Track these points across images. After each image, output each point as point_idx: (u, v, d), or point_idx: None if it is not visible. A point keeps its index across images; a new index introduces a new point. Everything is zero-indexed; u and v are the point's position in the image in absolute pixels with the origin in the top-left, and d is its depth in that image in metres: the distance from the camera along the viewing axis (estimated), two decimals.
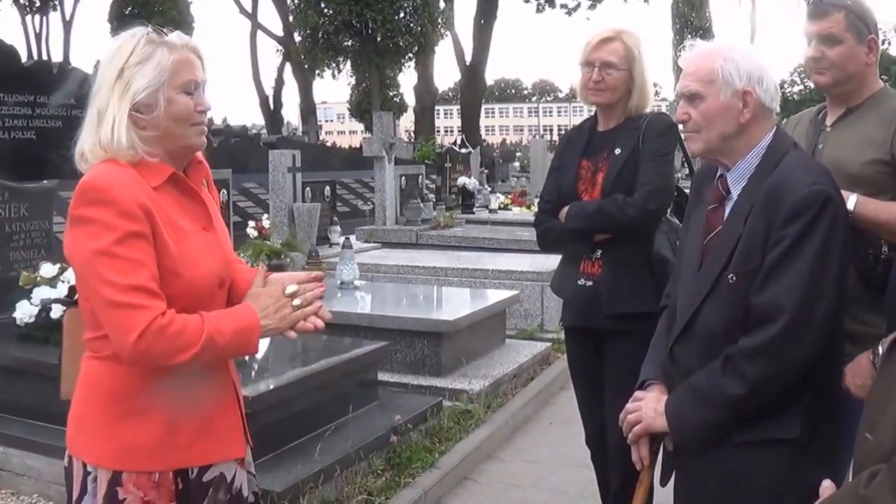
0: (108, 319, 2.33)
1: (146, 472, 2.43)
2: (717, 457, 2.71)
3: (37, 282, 5.69)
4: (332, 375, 5.58)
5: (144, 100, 2.40)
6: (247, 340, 2.44)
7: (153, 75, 2.40)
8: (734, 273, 2.65)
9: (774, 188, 2.63)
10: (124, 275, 2.27)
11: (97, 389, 2.47)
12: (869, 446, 1.86)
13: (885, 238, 3.18)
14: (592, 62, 4.09)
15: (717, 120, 2.72)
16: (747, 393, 2.59)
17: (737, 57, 2.70)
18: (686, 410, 2.73)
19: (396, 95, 55.06)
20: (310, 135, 41.90)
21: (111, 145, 2.39)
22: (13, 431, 5.32)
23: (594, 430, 4.36)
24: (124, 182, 2.34)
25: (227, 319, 2.41)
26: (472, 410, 6.55)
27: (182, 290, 2.40)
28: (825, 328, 2.59)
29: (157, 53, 2.42)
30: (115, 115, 2.40)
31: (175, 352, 2.31)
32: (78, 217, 2.34)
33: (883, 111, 3.34)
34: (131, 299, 2.26)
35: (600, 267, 4.11)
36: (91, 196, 2.32)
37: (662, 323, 3.07)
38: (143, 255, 2.31)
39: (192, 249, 2.46)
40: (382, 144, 14.21)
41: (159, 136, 2.44)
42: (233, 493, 2.60)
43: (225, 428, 2.58)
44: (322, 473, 4.87)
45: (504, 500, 5.54)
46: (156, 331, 2.27)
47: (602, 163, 4.15)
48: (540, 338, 8.99)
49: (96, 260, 2.28)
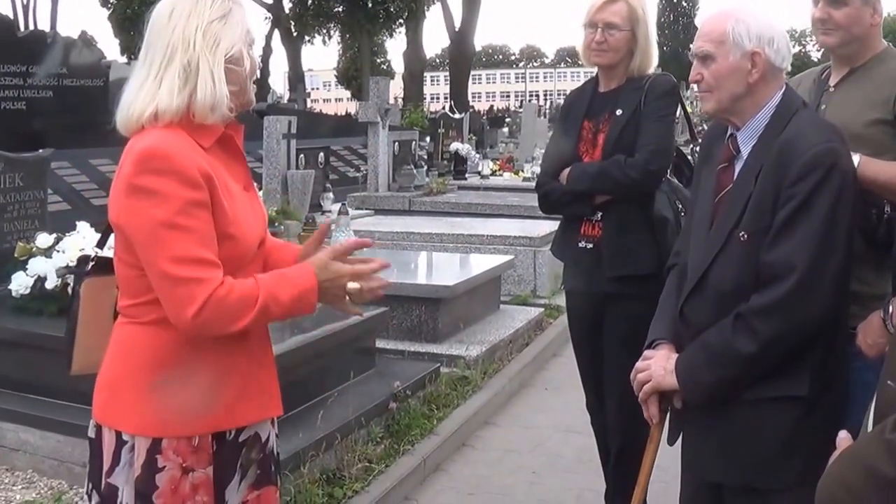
0: (166, 293, 2.29)
1: (186, 438, 2.40)
2: (725, 414, 2.74)
3: (32, 253, 5.65)
4: (330, 343, 5.55)
5: (236, 54, 2.40)
6: (306, 302, 2.41)
7: (239, 32, 2.41)
8: (745, 231, 2.67)
9: (785, 147, 2.65)
10: (186, 247, 2.24)
11: (137, 356, 2.42)
12: (892, 393, 1.87)
13: (887, 198, 3.18)
14: (596, 23, 4.05)
15: (727, 80, 2.74)
16: (759, 351, 2.61)
17: (748, 19, 2.72)
18: (697, 368, 2.75)
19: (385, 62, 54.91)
20: (298, 102, 41.71)
21: (211, 99, 2.34)
22: (7, 405, 5.24)
23: (595, 395, 4.36)
24: (184, 147, 2.31)
25: (284, 282, 2.38)
26: (468, 377, 6.58)
27: (237, 253, 2.40)
28: (835, 286, 2.61)
29: (235, 10, 2.42)
30: (211, 69, 2.35)
31: (232, 321, 2.30)
32: (137, 186, 2.27)
33: (886, 71, 3.33)
34: (192, 272, 2.24)
35: (601, 229, 4.09)
36: (154, 164, 2.26)
37: (671, 282, 3.08)
38: (205, 224, 2.29)
39: (242, 210, 2.44)
40: (378, 110, 14.10)
41: (237, 92, 2.44)
42: (266, 452, 2.60)
43: (262, 388, 2.56)
44: (323, 441, 4.87)
45: (502, 466, 5.56)
46: (215, 303, 2.25)
47: (603, 124, 4.12)
48: (533, 303, 9.02)
49: (160, 231, 2.25)
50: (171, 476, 2.40)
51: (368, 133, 14.49)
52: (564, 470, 5.48)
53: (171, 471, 2.40)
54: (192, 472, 2.42)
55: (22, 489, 4.88)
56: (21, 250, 5.74)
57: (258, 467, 2.57)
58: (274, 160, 11.62)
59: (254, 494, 2.56)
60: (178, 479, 2.41)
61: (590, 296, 4.21)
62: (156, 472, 2.39)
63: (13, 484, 4.93)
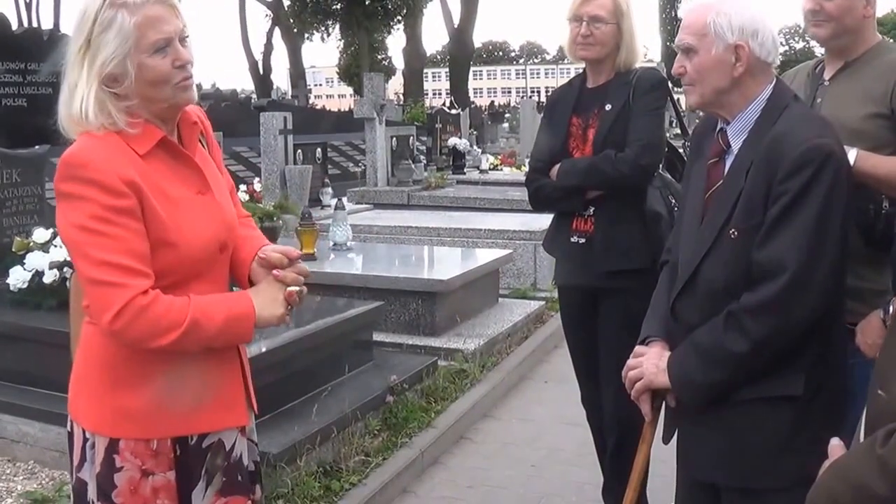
0: (88, 295, 2.30)
1: (143, 440, 2.38)
2: (720, 414, 2.70)
3: (30, 247, 5.68)
4: (327, 336, 5.58)
5: (112, 70, 2.28)
6: (242, 328, 2.39)
7: (116, 44, 2.27)
8: (736, 228, 2.63)
9: (775, 142, 2.60)
10: (102, 251, 2.21)
11: (94, 356, 2.43)
12: (881, 403, 1.82)
13: (884, 192, 3.17)
14: (580, 17, 4.03)
15: (710, 74, 2.70)
16: (750, 350, 2.57)
17: (730, 10, 2.67)
18: (688, 367, 2.71)
19: (385, 59, 54.96)
20: (299, 98, 41.68)
21: (83, 121, 2.29)
22: (7, 398, 5.32)
23: (589, 390, 4.37)
24: (106, 155, 2.26)
25: (219, 305, 2.35)
26: (466, 370, 6.58)
27: (179, 260, 2.34)
28: (828, 284, 2.56)
29: (118, 18, 2.27)
30: (84, 90, 2.29)
31: (155, 334, 2.25)
32: (60, 191, 2.28)
33: (882, 64, 3.31)
34: (108, 276, 2.20)
35: (593, 224, 4.09)
36: (73, 172, 2.25)
37: (663, 278, 3.05)
38: (126, 231, 2.24)
39: (187, 216, 2.37)
40: (373, 106, 14.10)
41: (141, 102, 2.33)
42: (231, 460, 2.54)
43: (227, 395, 2.52)
44: (319, 435, 4.88)
45: (501, 459, 5.56)
46: (135, 311, 2.21)
47: (592, 119, 4.12)
48: (533, 296, 9.02)
49: (76, 234, 2.24)
50: (130, 477, 2.39)
51: (365, 129, 14.51)
52: (564, 463, 5.48)
53: (130, 472, 2.39)
54: (152, 476, 2.40)
55: (24, 479, 4.93)
56: (18, 245, 5.78)
57: (224, 474, 2.53)
58: (272, 156, 11.64)
59: (221, 502, 2.52)
60: (138, 481, 2.40)
61: (582, 290, 4.22)
62: (114, 471, 2.39)
63: (14, 475, 4.99)
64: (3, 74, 12.03)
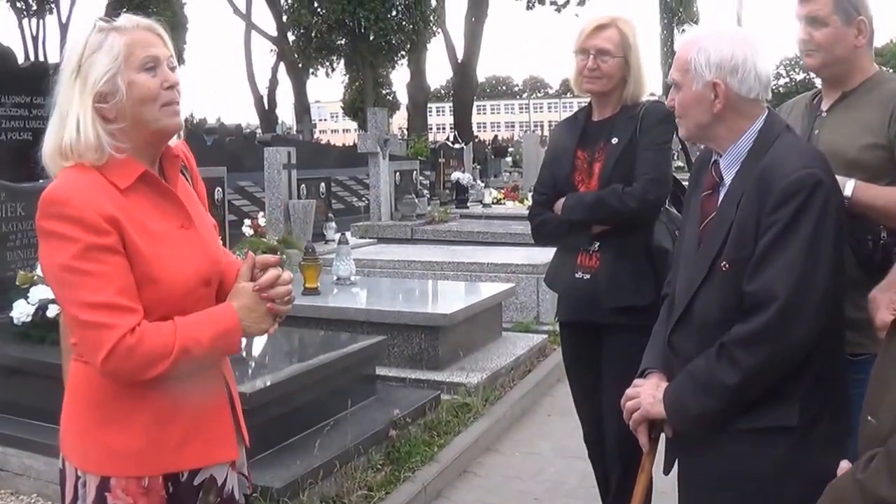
0: (77, 336, 2.30)
1: (135, 478, 2.36)
2: (717, 445, 2.70)
3: (34, 281, 5.69)
4: (330, 371, 5.58)
5: (104, 88, 2.30)
6: (228, 343, 2.39)
7: (107, 61, 2.30)
8: (727, 260, 2.64)
9: (764, 173, 2.61)
10: (88, 291, 2.20)
11: (81, 393, 2.41)
12: (871, 429, 1.84)
13: (883, 223, 3.17)
14: (587, 49, 4.01)
15: (692, 109, 2.74)
16: (742, 381, 2.58)
17: (709, 47, 2.68)
18: (683, 398, 2.72)
19: (389, 93, 55.19)
20: (304, 133, 41.86)
21: (78, 145, 2.28)
22: (11, 431, 5.31)
23: (591, 427, 4.31)
24: (87, 192, 2.25)
25: (204, 325, 2.33)
26: (470, 403, 6.56)
27: (162, 296, 2.32)
28: (819, 314, 2.55)
29: (108, 39, 2.31)
30: (78, 111, 2.29)
31: (146, 367, 2.24)
32: (42, 229, 2.27)
33: (879, 95, 3.30)
34: (97, 318, 2.20)
35: (598, 259, 4.04)
36: (52, 210, 2.24)
37: (663, 311, 3.05)
38: (111, 267, 2.23)
39: (169, 251, 2.36)
40: (377, 140, 14.16)
41: (129, 126, 2.34)
42: (224, 496, 2.53)
43: (215, 429, 2.50)
44: (321, 469, 4.86)
45: (504, 493, 5.54)
46: (124, 351, 2.20)
47: (599, 153, 4.08)
48: (536, 330, 9.02)
49: (61, 275, 2.23)
50: None
51: (369, 163, 14.57)
52: (567, 496, 5.46)
53: None
54: None
55: None
56: (22, 278, 5.79)
57: None
58: (275, 190, 11.69)
59: None
60: None
61: (585, 327, 4.16)
62: None
63: None
64: (9, 108, 12.08)
